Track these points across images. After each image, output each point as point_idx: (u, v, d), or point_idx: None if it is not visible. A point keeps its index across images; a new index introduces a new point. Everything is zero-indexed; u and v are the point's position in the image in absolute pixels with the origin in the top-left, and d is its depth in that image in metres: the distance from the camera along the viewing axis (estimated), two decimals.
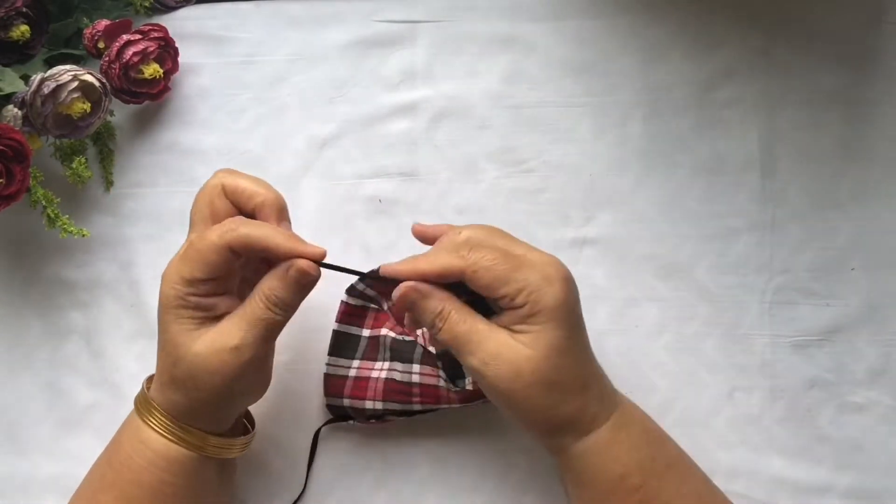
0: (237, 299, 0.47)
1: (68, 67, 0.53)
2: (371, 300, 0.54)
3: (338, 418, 0.55)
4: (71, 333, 0.58)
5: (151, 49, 0.56)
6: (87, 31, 0.56)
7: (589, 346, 0.47)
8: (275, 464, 0.56)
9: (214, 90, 0.60)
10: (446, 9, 0.60)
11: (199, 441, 0.46)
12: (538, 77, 0.59)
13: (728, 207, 0.57)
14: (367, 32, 0.60)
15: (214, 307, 0.45)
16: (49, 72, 0.53)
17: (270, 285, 0.45)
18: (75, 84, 0.53)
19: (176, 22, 0.60)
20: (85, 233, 0.55)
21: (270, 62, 0.60)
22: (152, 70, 0.56)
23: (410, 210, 0.58)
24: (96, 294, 0.58)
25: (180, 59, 0.59)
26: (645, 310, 0.57)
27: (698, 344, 0.56)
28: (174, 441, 0.46)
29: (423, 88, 0.59)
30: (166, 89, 0.59)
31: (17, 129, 0.52)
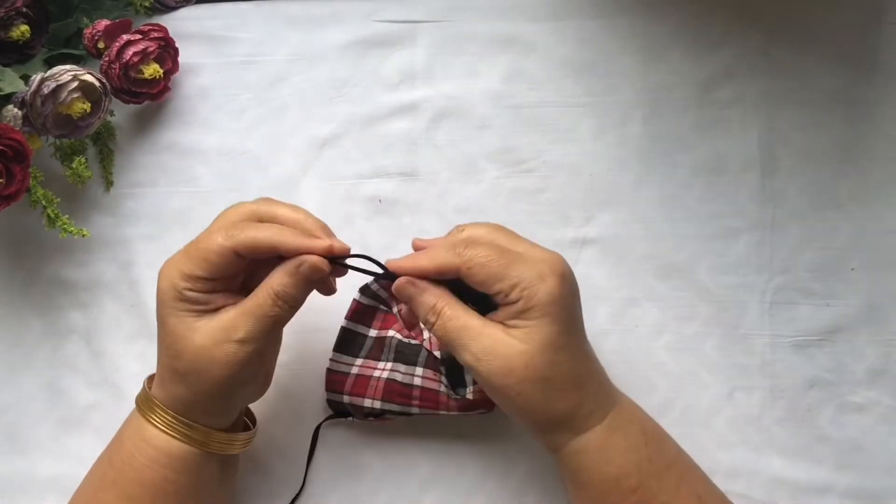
0: (238, 295, 0.47)
1: (68, 67, 0.53)
2: (383, 301, 0.55)
3: (337, 414, 0.55)
4: (71, 333, 0.58)
5: (151, 49, 0.56)
6: (87, 31, 0.56)
7: (586, 343, 0.47)
8: (274, 464, 0.56)
9: (214, 90, 0.60)
10: (446, 9, 0.60)
11: (203, 437, 0.46)
12: (538, 77, 0.59)
13: (728, 207, 0.57)
14: (367, 32, 0.60)
15: (212, 301, 0.45)
16: (49, 72, 0.53)
17: (281, 281, 0.45)
18: (75, 84, 0.53)
19: (176, 22, 0.60)
20: (85, 233, 0.55)
21: (270, 62, 0.60)
22: (152, 70, 0.56)
23: (410, 210, 0.58)
24: (96, 294, 0.58)
25: (180, 59, 0.59)
26: (645, 310, 0.57)
27: (698, 344, 0.56)
28: (177, 437, 0.46)
29: (423, 88, 0.59)
30: (166, 89, 0.59)
31: (17, 129, 0.52)
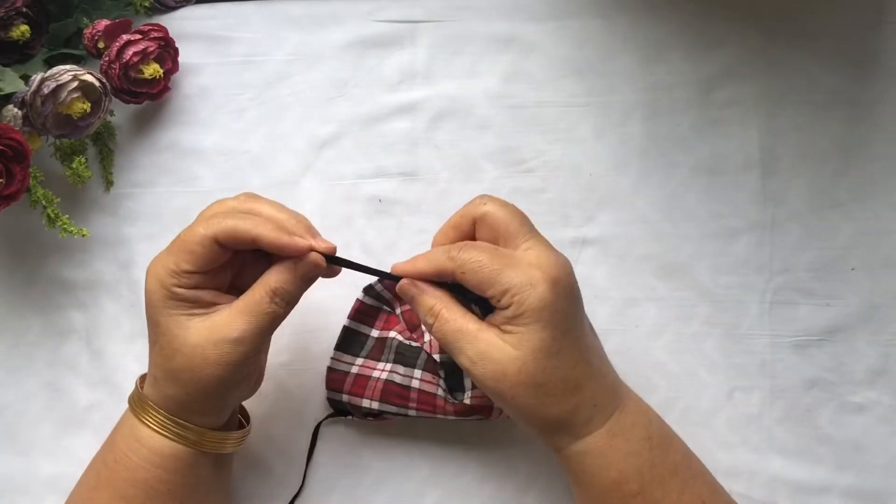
0: (226, 295, 0.46)
1: (68, 67, 0.53)
2: (386, 302, 0.55)
3: (337, 413, 0.55)
4: (71, 333, 0.58)
5: (151, 49, 0.56)
6: (87, 31, 0.56)
7: (586, 348, 0.46)
8: (274, 464, 0.56)
9: (214, 90, 0.60)
10: (446, 9, 0.59)
11: (197, 436, 0.46)
12: (538, 77, 0.59)
13: (728, 207, 0.57)
14: (367, 32, 0.60)
15: (200, 298, 0.45)
16: (49, 72, 0.53)
17: (278, 279, 0.45)
18: (75, 84, 0.53)
19: (176, 22, 0.60)
20: (85, 233, 0.55)
21: (270, 62, 0.60)
22: (152, 70, 0.56)
23: (410, 210, 0.58)
24: (96, 294, 0.58)
25: (180, 59, 0.59)
26: (645, 310, 0.57)
27: (698, 344, 0.56)
28: (171, 437, 0.46)
29: (423, 88, 0.59)
30: (166, 89, 0.59)
31: (17, 129, 0.52)
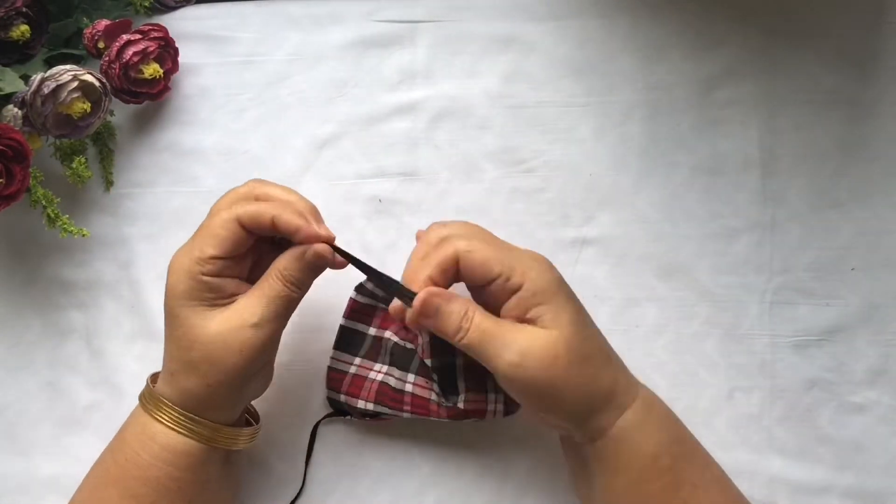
0: (247, 283, 0.47)
1: (68, 67, 0.53)
2: (381, 300, 0.55)
3: (337, 412, 0.55)
4: (71, 333, 0.58)
5: (151, 49, 0.56)
6: (87, 31, 0.56)
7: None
8: (274, 464, 0.56)
9: (214, 90, 0.60)
10: (446, 9, 0.59)
11: (211, 432, 0.46)
12: (538, 77, 0.59)
13: (728, 207, 0.57)
14: (367, 32, 0.60)
15: (223, 288, 0.46)
16: (49, 72, 0.53)
17: (286, 265, 0.46)
18: (75, 84, 0.53)
19: (176, 22, 0.60)
20: (85, 233, 0.55)
21: (270, 62, 0.60)
22: (152, 70, 0.56)
23: (410, 210, 0.58)
24: (96, 294, 0.58)
25: (180, 59, 0.59)
26: (645, 310, 0.57)
27: (698, 344, 0.56)
28: (184, 433, 0.46)
29: (423, 88, 0.59)
30: (166, 89, 0.59)
31: (17, 129, 0.52)
